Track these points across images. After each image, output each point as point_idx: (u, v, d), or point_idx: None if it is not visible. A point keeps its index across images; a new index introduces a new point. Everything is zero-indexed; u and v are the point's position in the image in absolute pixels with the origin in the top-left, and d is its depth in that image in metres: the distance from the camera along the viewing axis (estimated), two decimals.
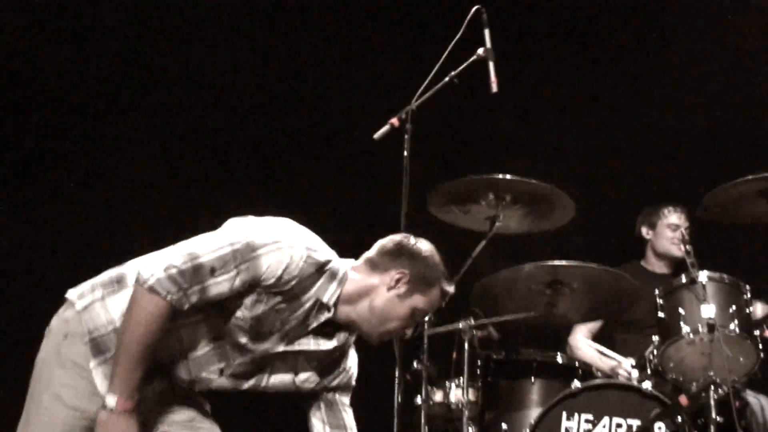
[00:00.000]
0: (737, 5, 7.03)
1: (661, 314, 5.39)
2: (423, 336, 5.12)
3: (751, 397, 5.48)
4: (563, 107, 7.43)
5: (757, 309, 5.53)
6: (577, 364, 5.56)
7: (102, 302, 3.48)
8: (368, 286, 3.63)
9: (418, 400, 5.15)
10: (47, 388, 3.48)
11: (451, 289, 3.75)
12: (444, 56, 4.99)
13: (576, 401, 5.11)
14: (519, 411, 5.41)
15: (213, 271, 3.35)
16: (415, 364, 5.10)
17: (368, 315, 3.62)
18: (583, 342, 6.25)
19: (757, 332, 5.20)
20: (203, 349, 3.52)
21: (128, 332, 3.34)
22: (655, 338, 5.41)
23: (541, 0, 7.39)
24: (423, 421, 5.10)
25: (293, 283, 3.43)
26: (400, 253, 3.67)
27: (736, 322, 5.20)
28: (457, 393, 5.37)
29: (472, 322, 5.31)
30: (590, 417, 5.07)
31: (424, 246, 3.74)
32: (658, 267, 6.37)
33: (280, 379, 3.66)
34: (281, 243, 3.43)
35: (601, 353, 6.02)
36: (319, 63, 7.36)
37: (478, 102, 5.31)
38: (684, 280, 5.37)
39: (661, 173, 7.20)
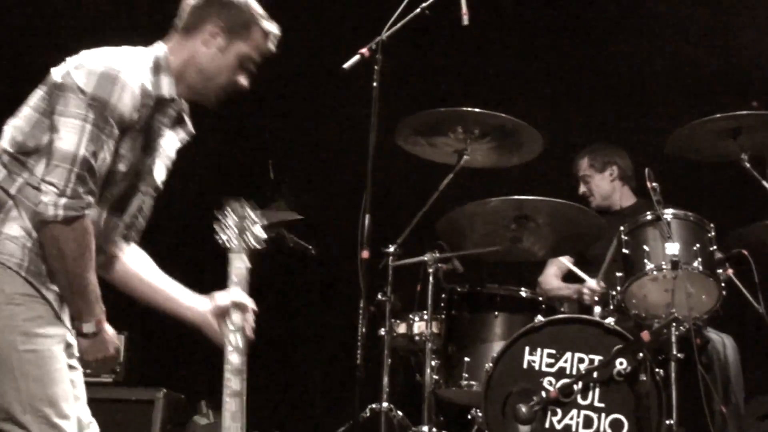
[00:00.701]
0: None
1: (625, 251, 5.30)
2: (388, 268, 5.22)
3: (713, 334, 5.49)
4: (533, 41, 7.42)
5: None
6: (540, 299, 5.61)
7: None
8: (190, 53, 3.56)
9: (382, 331, 5.23)
10: (12, 331, 3.32)
11: (272, 27, 3.64)
12: None
13: (539, 335, 5.08)
14: (482, 344, 5.42)
15: (95, 155, 3.25)
16: (379, 296, 5.23)
17: (199, 78, 3.56)
18: (550, 276, 6.30)
19: (720, 270, 5.16)
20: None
21: (71, 268, 3.29)
22: (619, 274, 5.32)
23: None
24: (386, 352, 5.21)
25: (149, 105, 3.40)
26: (208, 6, 3.58)
27: (699, 259, 5.12)
28: (420, 325, 5.42)
29: (437, 255, 5.34)
30: (553, 351, 5.04)
31: None
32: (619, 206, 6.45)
33: (159, 172, 3.60)
34: (121, 82, 3.32)
35: (572, 272, 6.14)
36: None
37: (449, 34, 5.27)
38: (649, 217, 5.28)
39: (630, 109, 7.20)
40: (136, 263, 3.67)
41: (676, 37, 7.22)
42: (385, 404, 5.20)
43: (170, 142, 3.62)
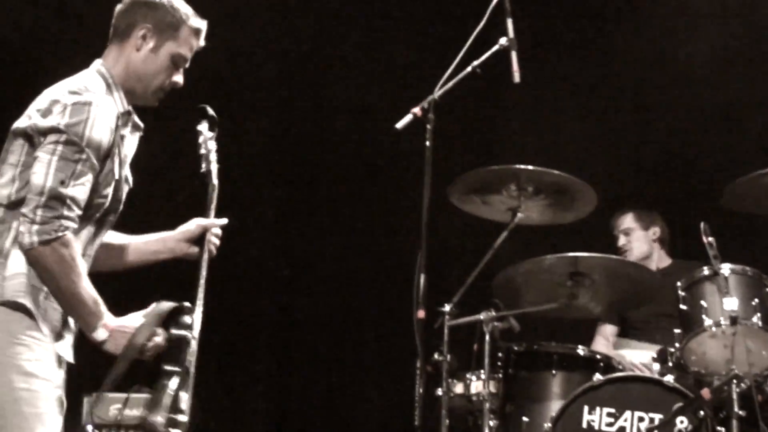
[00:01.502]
0: None
1: (682, 306, 5.28)
2: (444, 327, 5.13)
3: None
4: (586, 99, 7.40)
5: None
6: (598, 356, 5.53)
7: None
8: (126, 60, 3.64)
9: (439, 391, 5.13)
10: (11, 369, 3.39)
11: (199, 23, 3.71)
12: (466, 46, 4.98)
13: (598, 394, 5.08)
14: (540, 403, 5.39)
15: (63, 183, 3.36)
16: (436, 356, 5.11)
17: (136, 82, 3.63)
18: (601, 346, 6.29)
19: None
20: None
21: (63, 284, 3.40)
22: (677, 331, 5.30)
23: None
24: (444, 413, 5.10)
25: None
26: (134, 10, 3.66)
27: (758, 314, 5.08)
28: (478, 385, 5.35)
29: (493, 313, 5.29)
30: (612, 410, 5.04)
31: None
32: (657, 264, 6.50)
33: (130, 177, 3.72)
34: (87, 112, 3.44)
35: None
36: (341, 53, 7.37)
37: (501, 92, 5.28)
38: (706, 272, 5.25)
39: (684, 165, 7.19)
40: (111, 240, 3.81)
41: (719, 88, 7.19)
42: None
43: (130, 146, 3.72)
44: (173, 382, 3.63)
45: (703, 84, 7.20)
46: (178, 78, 3.72)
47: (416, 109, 4.88)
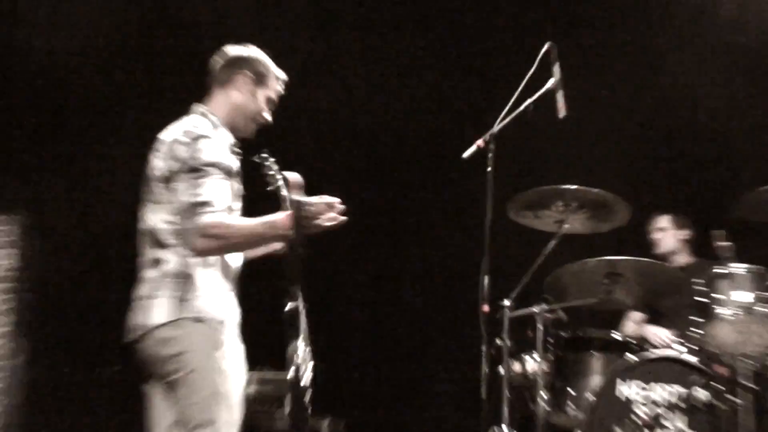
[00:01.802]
0: None
1: (701, 298, 5.22)
2: (504, 318, 5.23)
3: None
4: (618, 126, 7.35)
5: None
6: (629, 339, 5.59)
7: (197, 299, 3.67)
8: (228, 101, 3.92)
9: (501, 370, 5.26)
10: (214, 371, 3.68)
11: (281, 74, 4.02)
12: (521, 87, 5.05)
13: (631, 371, 5.13)
14: (583, 379, 5.47)
15: (229, 174, 3.72)
16: (498, 342, 5.25)
17: (242, 120, 3.92)
18: (630, 329, 6.36)
19: None
20: None
21: (239, 244, 3.69)
22: (697, 319, 5.25)
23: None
24: (504, 386, 5.24)
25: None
26: (236, 63, 3.96)
27: (765, 305, 5.07)
28: (532, 365, 5.46)
29: (545, 306, 5.43)
30: (643, 384, 5.09)
31: (250, 50, 4.03)
32: (681, 260, 6.50)
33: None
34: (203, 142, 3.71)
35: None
36: (422, 97, 7.38)
37: (550, 123, 5.35)
38: (721, 270, 5.21)
39: (705, 178, 7.15)
40: None
41: (738, 107, 7.12)
42: (505, 428, 5.18)
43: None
44: (294, 347, 3.77)
45: (723, 109, 7.09)
46: (268, 116, 4.02)
47: (480, 141, 5.01)
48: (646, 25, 7.34)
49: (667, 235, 6.58)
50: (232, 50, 4.05)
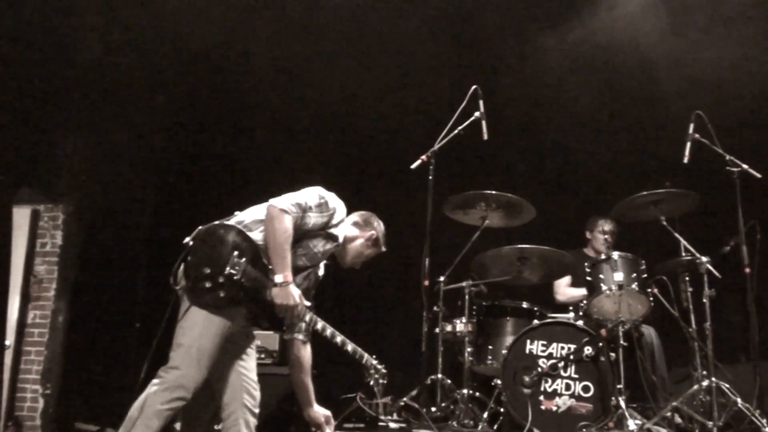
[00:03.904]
0: None
1: (589, 278, 5.35)
2: (440, 291, 5.27)
3: (645, 329, 5.52)
4: (530, 149, 7.27)
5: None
6: (535, 308, 5.52)
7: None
8: (357, 236, 3.95)
9: (437, 330, 5.30)
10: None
11: (384, 248, 4.11)
12: (454, 117, 5.13)
13: (535, 332, 5.11)
14: (499, 338, 5.45)
15: (310, 209, 3.67)
16: (435, 308, 5.32)
17: (351, 252, 3.93)
18: (563, 288, 6.23)
19: (649, 289, 5.18)
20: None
21: (275, 237, 3.55)
22: (584, 293, 5.43)
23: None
24: (439, 342, 5.29)
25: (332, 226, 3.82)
26: (372, 222, 4.06)
27: (636, 283, 5.17)
28: (460, 326, 5.41)
29: (471, 282, 5.41)
30: (545, 342, 5.08)
31: (381, 223, 4.12)
32: (593, 253, 6.29)
33: (315, 278, 3.93)
34: (334, 208, 3.79)
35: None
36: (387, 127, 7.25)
37: (477, 143, 5.33)
38: (603, 257, 5.34)
39: (591, 187, 7.06)
40: (304, 357, 3.98)
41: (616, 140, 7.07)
42: (440, 375, 5.22)
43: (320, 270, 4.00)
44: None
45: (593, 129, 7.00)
46: (360, 265, 4.07)
47: (424, 156, 5.05)
48: None
49: (613, 237, 6.12)
50: (373, 215, 4.16)
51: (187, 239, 3.54)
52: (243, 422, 3.55)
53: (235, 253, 3.53)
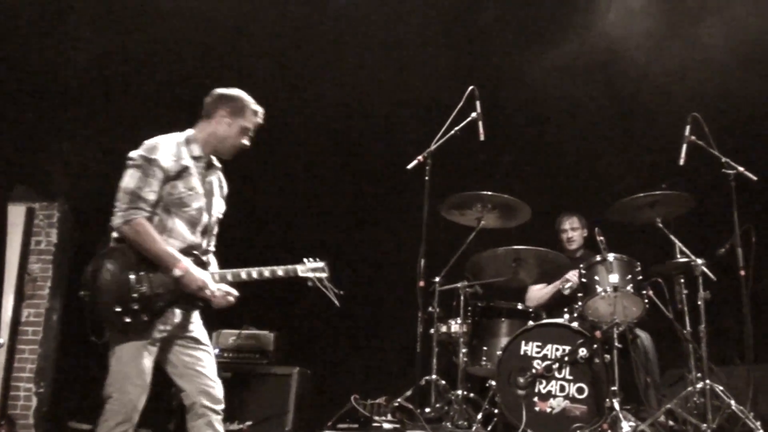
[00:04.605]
0: None
1: (584, 280, 5.34)
2: (435, 291, 5.26)
3: (639, 332, 5.51)
4: (527, 150, 7.23)
5: None
6: (530, 309, 5.55)
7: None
8: (209, 129, 3.77)
9: (432, 330, 5.29)
10: None
11: (258, 108, 3.85)
12: (451, 117, 5.09)
13: (530, 334, 5.11)
14: (494, 339, 5.44)
15: (146, 184, 3.55)
16: (430, 309, 5.26)
17: (218, 143, 3.77)
18: (534, 290, 6.21)
19: (643, 291, 5.18)
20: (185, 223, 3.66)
21: (145, 247, 3.50)
22: (580, 294, 5.36)
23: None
24: (434, 343, 5.29)
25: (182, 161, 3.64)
26: (218, 100, 3.80)
27: (631, 285, 5.17)
28: (455, 327, 5.41)
29: (466, 283, 5.41)
30: (539, 344, 5.07)
31: (231, 90, 3.86)
32: (578, 254, 6.24)
33: (216, 210, 3.78)
34: (157, 146, 3.64)
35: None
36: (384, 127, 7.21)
37: (474, 144, 5.34)
38: (599, 258, 5.31)
39: (587, 188, 7.03)
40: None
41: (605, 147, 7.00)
42: (434, 376, 5.23)
43: (215, 182, 3.82)
44: None
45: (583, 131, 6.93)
46: (245, 141, 3.84)
47: (420, 157, 5.04)
48: None
49: (578, 233, 6.25)
50: (217, 92, 3.88)
51: (81, 293, 3.52)
52: (205, 424, 3.57)
53: (130, 275, 3.51)
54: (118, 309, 3.45)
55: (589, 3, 6.39)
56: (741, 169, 5.07)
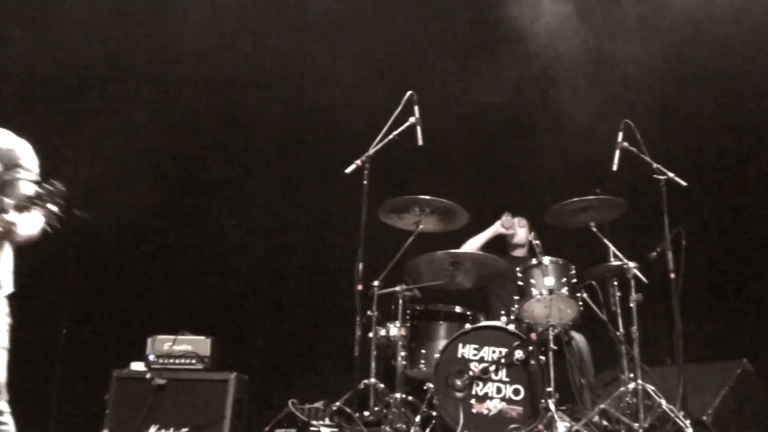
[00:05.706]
0: None
1: (520, 282, 5.37)
2: (374, 295, 5.22)
3: (574, 333, 5.54)
4: (465, 154, 7.29)
5: None
6: (468, 313, 5.54)
7: None
8: None
9: (371, 334, 5.29)
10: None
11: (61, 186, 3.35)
12: (390, 122, 5.17)
13: (467, 336, 5.12)
14: (432, 342, 5.44)
15: None
16: (368, 312, 5.24)
17: None
18: (468, 243, 6.19)
19: (578, 294, 5.23)
20: None
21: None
22: (516, 297, 5.39)
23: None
24: (373, 346, 5.26)
25: None
26: None
27: (566, 287, 5.23)
28: (394, 330, 5.39)
29: (405, 286, 5.39)
30: (476, 346, 5.09)
31: None
32: (518, 253, 6.34)
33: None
34: None
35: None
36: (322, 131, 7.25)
37: (412, 148, 5.35)
38: (534, 261, 5.36)
39: (523, 193, 7.05)
40: None
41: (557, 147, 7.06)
42: (373, 379, 5.17)
43: None
44: None
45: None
46: None
47: (358, 161, 5.06)
48: None
49: (523, 230, 6.28)
50: None
51: None
52: None
53: None
54: None
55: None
56: (671, 174, 5.20)
